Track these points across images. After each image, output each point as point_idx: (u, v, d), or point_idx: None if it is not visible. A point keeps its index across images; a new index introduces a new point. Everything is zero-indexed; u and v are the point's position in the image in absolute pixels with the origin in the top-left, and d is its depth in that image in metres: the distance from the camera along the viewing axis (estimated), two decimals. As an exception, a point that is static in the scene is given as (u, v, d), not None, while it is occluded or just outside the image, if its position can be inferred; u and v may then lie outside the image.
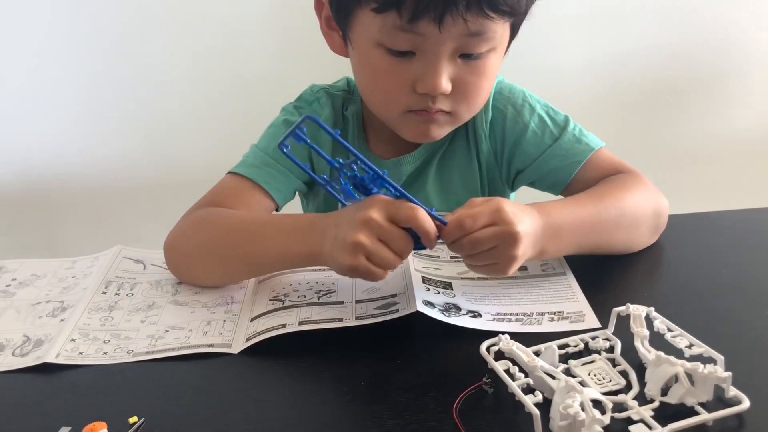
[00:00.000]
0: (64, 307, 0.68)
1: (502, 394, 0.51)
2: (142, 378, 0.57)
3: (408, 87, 0.71)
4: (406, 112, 0.73)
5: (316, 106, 0.85)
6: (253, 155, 0.81)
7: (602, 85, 1.50)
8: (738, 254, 0.75)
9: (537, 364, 0.51)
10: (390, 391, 0.54)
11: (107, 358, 0.60)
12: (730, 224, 0.83)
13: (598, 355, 0.55)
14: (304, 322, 0.61)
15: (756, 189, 1.61)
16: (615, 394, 0.51)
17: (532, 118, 0.82)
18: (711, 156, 1.59)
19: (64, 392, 0.56)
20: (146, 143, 1.44)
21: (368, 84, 0.76)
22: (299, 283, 0.69)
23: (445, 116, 0.74)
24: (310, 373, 0.57)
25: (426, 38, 0.66)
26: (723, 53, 1.50)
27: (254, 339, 0.60)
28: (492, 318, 0.62)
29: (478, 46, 0.69)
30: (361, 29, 0.71)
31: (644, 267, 0.74)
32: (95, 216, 1.48)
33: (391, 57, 0.69)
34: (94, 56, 1.37)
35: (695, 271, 0.71)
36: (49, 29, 1.33)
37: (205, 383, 0.57)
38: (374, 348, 0.59)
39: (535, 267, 0.71)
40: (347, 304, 0.64)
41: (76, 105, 1.40)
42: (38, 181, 1.44)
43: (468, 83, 0.71)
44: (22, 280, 0.74)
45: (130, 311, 0.67)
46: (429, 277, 0.69)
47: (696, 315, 0.62)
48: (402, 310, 0.61)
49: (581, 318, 0.62)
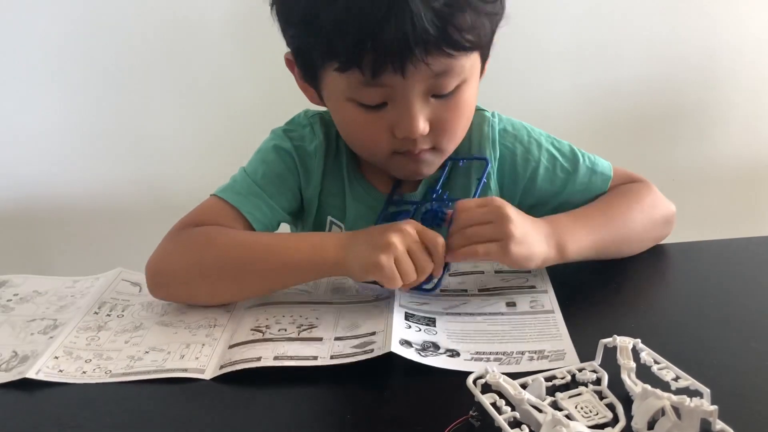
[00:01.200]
0: (56, 325, 0.70)
1: (489, 427, 0.50)
2: (111, 400, 0.58)
3: (387, 134, 0.71)
4: (392, 154, 0.74)
5: (309, 132, 0.82)
6: (242, 181, 0.80)
7: (590, 114, 1.51)
8: (725, 284, 0.74)
9: (524, 398, 0.50)
10: (376, 424, 0.53)
11: (85, 377, 0.61)
12: (718, 254, 0.82)
13: (585, 388, 0.54)
14: (280, 357, 0.61)
15: (744, 217, 1.60)
16: (602, 427, 0.50)
17: (541, 154, 0.82)
18: (698, 184, 1.59)
19: (35, 408, 0.57)
20: (136, 166, 1.48)
21: (348, 136, 0.77)
22: (283, 316, 0.69)
23: (431, 153, 0.75)
24: (289, 406, 0.57)
25: (393, 88, 0.67)
26: (709, 81, 1.51)
27: (228, 368, 0.60)
28: (470, 357, 0.61)
29: (447, 84, 0.69)
30: (331, 88, 0.71)
31: (631, 296, 0.74)
32: (84, 239, 1.51)
33: (365, 110, 0.70)
34: (85, 79, 1.41)
35: (682, 302, 0.71)
36: (38, 54, 1.38)
37: (173, 408, 0.57)
38: (360, 380, 0.58)
39: (524, 303, 0.69)
40: (326, 341, 0.63)
41: (66, 127, 1.45)
42: (27, 203, 1.49)
43: (445, 120, 0.71)
44: (23, 296, 0.76)
45: (117, 332, 0.68)
46: (413, 313, 0.67)
47: (683, 346, 0.61)
48: (377, 350, 0.60)
49: (561, 356, 0.59)
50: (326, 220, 0.85)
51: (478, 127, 0.82)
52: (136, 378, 0.60)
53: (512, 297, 0.71)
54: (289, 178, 0.82)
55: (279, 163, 0.81)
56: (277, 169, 0.81)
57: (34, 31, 1.37)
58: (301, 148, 0.82)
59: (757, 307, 0.68)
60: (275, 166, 0.81)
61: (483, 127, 0.82)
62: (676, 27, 1.46)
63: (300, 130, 0.83)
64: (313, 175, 0.82)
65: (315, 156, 0.81)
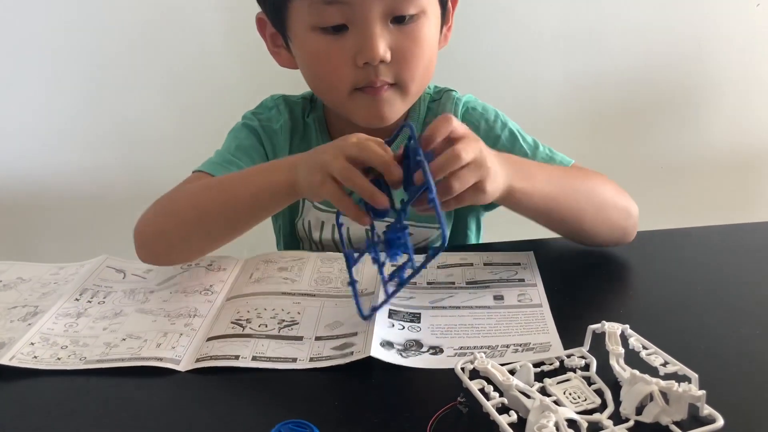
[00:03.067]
0: (36, 312, 0.69)
1: (477, 413, 0.49)
2: (83, 387, 0.57)
3: (349, 62, 0.73)
4: (353, 91, 0.75)
5: (275, 112, 0.87)
6: (216, 155, 0.84)
7: (578, 101, 1.49)
8: (713, 270, 0.74)
9: (512, 383, 0.50)
10: (363, 411, 0.52)
11: (59, 364, 0.60)
12: (705, 240, 0.81)
13: (573, 374, 0.54)
14: (258, 357, 0.59)
15: (731, 204, 1.59)
16: (590, 413, 0.50)
17: (503, 132, 0.84)
18: (686, 171, 1.57)
19: (8, 395, 0.56)
20: (120, 153, 1.48)
21: (312, 71, 0.78)
22: (264, 309, 0.67)
23: (392, 90, 0.75)
24: (271, 395, 0.55)
25: (352, 6, 0.70)
26: (697, 70, 1.49)
27: (204, 362, 0.59)
28: (454, 353, 0.59)
29: (405, 6, 0.71)
30: (295, 21, 0.74)
31: (619, 283, 0.73)
32: (69, 226, 1.51)
33: (327, 36, 0.72)
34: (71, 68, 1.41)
35: (670, 288, 0.70)
36: (20, 41, 1.37)
37: (145, 397, 0.56)
38: (346, 367, 0.57)
39: (511, 297, 0.67)
40: (306, 341, 0.62)
41: (49, 114, 1.44)
42: (10, 189, 1.49)
43: (405, 49, 0.73)
44: (7, 283, 0.76)
45: (96, 318, 0.67)
46: (397, 309, 0.65)
47: (671, 332, 0.60)
48: (356, 354, 0.58)
49: (546, 348, 0.58)
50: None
51: (443, 106, 0.86)
52: (110, 365, 0.59)
53: (500, 290, 0.69)
54: (261, 151, 0.86)
55: (249, 137, 0.86)
56: (247, 142, 0.85)
57: (14, 17, 1.36)
58: (267, 127, 0.87)
59: (744, 293, 0.68)
60: (245, 141, 0.85)
61: (447, 104, 0.86)
62: (666, 15, 1.44)
63: (266, 112, 0.88)
64: (280, 151, 0.86)
65: (281, 133, 0.86)
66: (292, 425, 0.49)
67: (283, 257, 0.78)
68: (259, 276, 0.74)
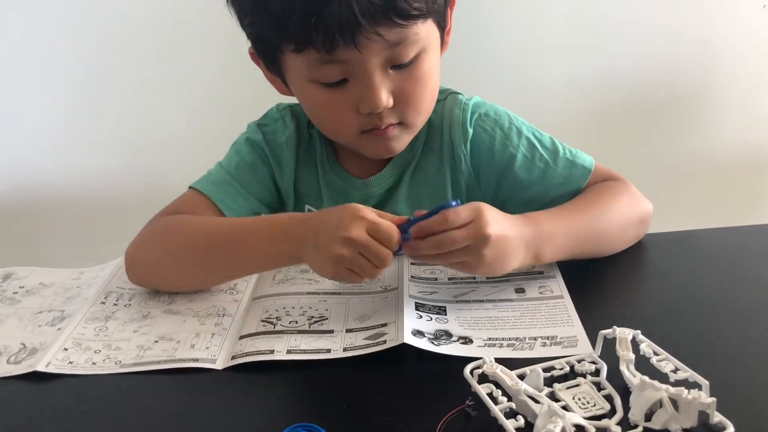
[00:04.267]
0: (63, 316, 0.69)
1: (486, 417, 0.50)
2: (123, 391, 0.58)
3: (352, 111, 0.72)
4: (360, 133, 0.74)
5: (280, 124, 0.84)
6: (216, 172, 0.83)
7: (584, 103, 1.50)
8: (722, 273, 0.73)
9: (520, 388, 0.50)
10: (372, 414, 0.53)
11: (96, 368, 0.60)
12: (714, 242, 0.81)
13: (583, 379, 0.54)
14: (293, 350, 0.61)
15: (739, 206, 1.60)
16: (599, 418, 0.50)
17: (520, 141, 0.80)
18: (693, 173, 1.59)
19: (47, 402, 0.57)
20: (130, 159, 1.47)
21: (316, 119, 0.78)
22: (293, 307, 0.68)
23: (398, 128, 0.75)
24: (289, 394, 0.57)
25: (351, 63, 0.68)
26: (704, 71, 1.51)
27: (240, 359, 0.60)
28: (483, 344, 0.61)
29: (404, 53, 0.69)
30: (292, 71, 0.73)
31: (628, 287, 0.73)
32: (79, 231, 1.51)
33: (327, 89, 0.71)
34: (79, 71, 1.41)
35: (679, 291, 0.70)
36: (31, 46, 1.37)
37: (184, 399, 0.57)
38: (356, 370, 0.58)
39: (533, 289, 0.69)
40: (337, 334, 0.63)
41: (61, 119, 1.44)
42: (22, 195, 1.49)
43: (408, 91, 0.72)
44: (29, 288, 0.76)
45: (125, 321, 0.68)
46: (423, 302, 0.67)
47: (680, 335, 0.60)
48: (389, 342, 0.60)
49: (574, 343, 0.59)
50: (304, 210, 0.86)
51: (449, 110, 0.82)
52: (146, 368, 0.60)
53: (520, 283, 0.70)
54: (262, 169, 0.83)
55: (251, 154, 0.83)
56: (249, 159, 0.83)
57: (25, 23, 1.35)
58: (272, 140, 0.84)
59: (755, 296, 0.67)
60: (247, 157, 0.83)
61: (454, 110, 0.82)
62: (671, 17, 1.45)
63: (272, 123, 0.85)
64: (285, 165, 0.84)
65: (287, 147, 0.83)
66: (302, 429, 0.50)
67: (303, 259, 0.79)
68: (282, 278, 0.75)
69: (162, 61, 1.41)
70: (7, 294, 0.75)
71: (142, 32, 1.38)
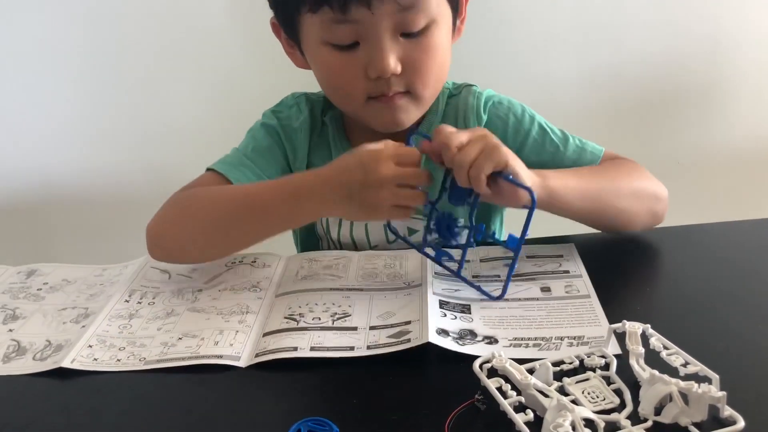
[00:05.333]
0: (87, 314, 0.70)
1: (495, 411, 0.50)
2: (149, 387, 0.58)
3: (361, 75, 0.74)
4: (368, 99, 0.76)
5: (295, 110, 0.88)
6: (232, 155, 0.85)
7: (594, 96, 1.50)
8: (733, 266, 0.73)
9: (530, 382, 0.50)
10: (381, 409, 0.53)
11: (120, 365, 0.60)
12: (724, 236, 0.81)
13: (593, 373, 0.54)
14: (316, 347, 0.60)
15: (750, 200, 1.59)
16: (608, 412, 0.50)
17: (532, 126, 0.84)
18: (704, 167, 1.58)
19: (73, 398, 0.57)
20: (138, 153, 1.48)
21: (326, 83, 0.80)
22: (315, 304, 0.68)
23: (406, 98, 0.77)
24: (300, 389, 0.56)
25: (362, 24, 0.71)
26: (714, 64, 1.50)
27: (264, 356, 0.60)
28: (509, 344, 0.60)
29: (415, 20, 0.72)
30: (307, 34, 0.76)
31: (637, 279, 0.73)
32: (94, 227, 1.52)
33: (339, 51, 0.74)
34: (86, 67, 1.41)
35: (689, 284, 0.70)
36: (42, 44, 1.38)
37: (207, 396, 0.56)
38: (365, 364, 0.58)
39: (558, 288, 0.68)
40: (361, 331, 0.63)
41: (67, 115, 1.45)
42: (28, 190, 1.49)
43: (416, 60, 0.74)
44: (53, 285, 0.76)
45: (149, 319, 0.68)
46: (447, 300, 0.67)
47: (690, 329, 0.60)
48: (414, 340, 0.59)
49: (602, 343, 0.58)
50: None
51: (464, 100, 0.86)
52: (171, 365, 0.60)
53: (546, 282, 0.70)
54: (277, 152, 0.86)
55: (266, 138, 0.86)
56: (264, 143, 0.86)
57: (36, 21, 1.36)
58: (287, 125, 0.87)
59: (766, 291, 0.67)
60: (263, 141, 0.86)
61: (468, 98, 0.86)
62: (681, 11, 1.45)
63: (287, 110, 0.89)
64: (299, 149, 0.87)
65: (300, 131, 0.87)
66: (312, 423, 0.50)
67: (325, 256, 0.79)
68: (305, 273, 0.75)
69: (171, 55, 1.41)
70: (31, 291, 0.75)
71: (151, 28, 1.38)
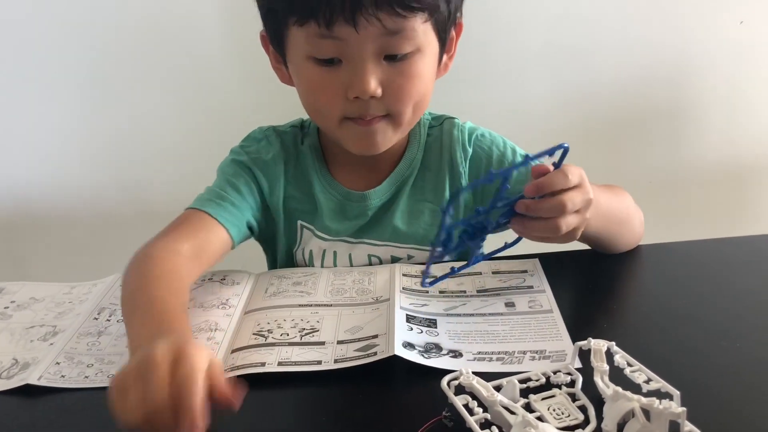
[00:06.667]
0: (56, 331, 0.70)
1: (462, 428, 0.51)
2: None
3: (341, 95, 0.73)
4: (344, 119, 0.76)
5: (264, 144, 0.87)
6: (208, 193, 0.83)
7: (565, 118, 1.53)
8: (696, 285, 0.75)
9: (496, 399, 0.51)
10: (349, 426, 0.53)
11: (88, 382, 0.61)
12: (689, 255, 0.83)
13: (558, 390, 0.55)
14: (284, 362, 0.61)
15: (717, 218, 1.64)
16: (573, 429, 0.51)
17: (515, 158, 0.86)
18: (673, 185, 1.63)
19: (40, 415, 0.57)
20: (119, 173, 1.47)
21: (306, 97, 0.79)
22: (284, 320, 0.69)
23: (384, 121, 0.76)
24: (267, 407, 0.57)
25: (347, 43, 0.70)
26: (683, 85, 1.54)
27: (232, 373, 0.60)
28: (473, 357, 0.61)
29: (399, 45, 0.71)
30: (293, 48, 0.75)
31: (603, 297, 0.74)
32: (66, 245, 1.51)
33: (321, 67, 0.73)
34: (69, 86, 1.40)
35: (655, 302, 0.72)
36: (20, 55, 1.37)
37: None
38: (334, 382, 0.59)
39: (522, 303, 0.70)
40: (328, 345, 0.64)
41: (50, 135, 1.44)
42: (9, 208, 1.48)
43: (397, 85, 0.73)
44: (21, 303, 0.76)
45: (117, 336, 0.68)
46: (414, 315, 0.68)
47: (654, 346, 0.62)
48: (380, 353, 0.60)
49: (563, 357, 0.60)
50: (297, 225, 0.87)
51: (448, 132, 0.87)
52: (139, 382, 0.60)
53: (511, 297, 0.71)
54: (250, 187, 0.84)
55: (238, 174, 0.85)
56: (235, 179, 0.84)
57: (15, 31, 1.35)
58: (258, 159, 0.85)
59: (729, 307, 0.69)
60: (234, 178, 0.84)
61: (452, 131, 0.87)
62: (651, 31, 1.49)
63: (255, 144, 0.87)
64: (274, 182, 0.85)
65: (273, 164, 0.85)
66: None
67: (295, 273, 0.80)
68: (275, 290, 0.75)
69: (153, 75, 1.41)
70: (-2, 309, 0.75)
71: (131, 46, 1.38)
